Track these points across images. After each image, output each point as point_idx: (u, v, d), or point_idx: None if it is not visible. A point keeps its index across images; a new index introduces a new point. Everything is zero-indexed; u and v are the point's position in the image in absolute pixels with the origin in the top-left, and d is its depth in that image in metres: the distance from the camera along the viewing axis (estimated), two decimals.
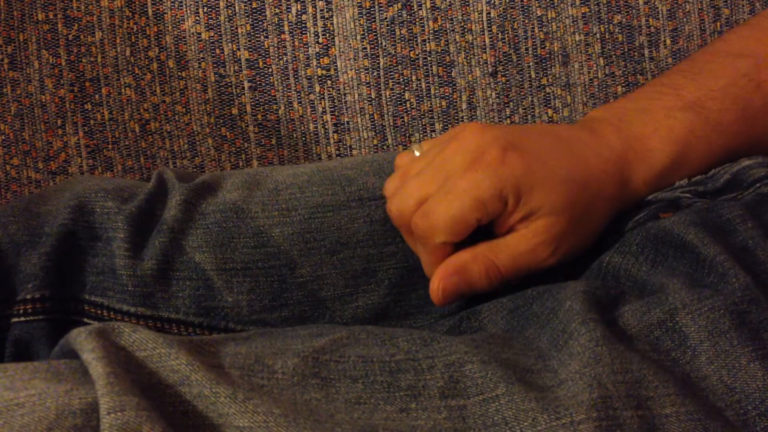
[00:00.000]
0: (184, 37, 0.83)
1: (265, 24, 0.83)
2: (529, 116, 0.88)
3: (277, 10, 0.83)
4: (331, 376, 0.41)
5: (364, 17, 0.83)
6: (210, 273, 0.52)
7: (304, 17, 0.83)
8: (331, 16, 0.83)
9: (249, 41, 0.83)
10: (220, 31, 0.83)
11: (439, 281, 0.48)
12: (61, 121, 0.82)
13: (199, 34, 0.83)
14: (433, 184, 0.48)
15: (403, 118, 0.84)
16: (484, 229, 0.50)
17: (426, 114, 0.85)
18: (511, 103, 0.85)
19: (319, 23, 0.83)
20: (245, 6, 0.83)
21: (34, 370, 0.39)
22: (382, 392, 0.40)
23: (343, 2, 0.83)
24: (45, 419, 0.36)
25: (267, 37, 0.83)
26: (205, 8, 0.83)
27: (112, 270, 0.52)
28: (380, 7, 0.83)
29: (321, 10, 0.83)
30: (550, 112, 0.88)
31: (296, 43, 0.83)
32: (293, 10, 0.83)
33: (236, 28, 0.83)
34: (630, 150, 0.51)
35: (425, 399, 0.40)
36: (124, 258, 0.52)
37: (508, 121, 0.88)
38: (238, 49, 0.83)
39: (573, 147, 0.50)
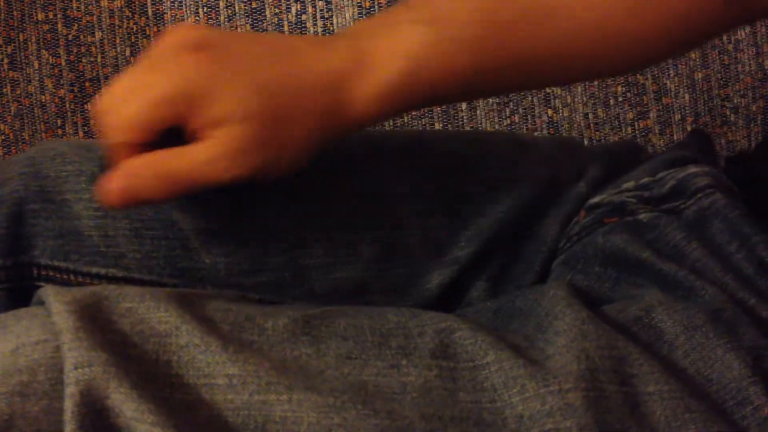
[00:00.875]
0: None
1: (265, 24, 0.83)
2: (529, 116, 0.88)
3: (277, 10, 0.83)
4: (322, 334, 0.41)
5: (364, 17, 0.83)
6: (187, 232, 0.51)
7: (304, 17, 0.83)
8: (331, 16, 0.83)
9: None
10: None
11: (108, 182, 0.44)
12: (61, 121, 0.83)
13: None
14: (126, 84, 0.44)
15: (403, 118, 0.84)
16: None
17: (426, 114, 0.85)
18: (511, 103, 0.85)
19: (319, 23, 0.83)
20: (245, 6, 0.83)
21: None
22: (373, 349, 0.40)
23: (343, 2, 0.83)
24: None
25: None
26: (205, 8, 0.83)
27: (76, 232, 0.51)
28: (380, 7, 0.83)
29: (321, 10, 0.83)
30: (550, 112, 0.87)
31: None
32: (293, 10, 0.83)
33: (236, 28, 0.83)
34: (355, 64, 0.46)
35: (416, 357, 0.40)
36: (94, 218, 0.51)
37: (508, 121, 0.87)
38: None
39: (285, 57, 0.46)
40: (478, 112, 0.85)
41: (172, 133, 0.44)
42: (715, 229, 0.48)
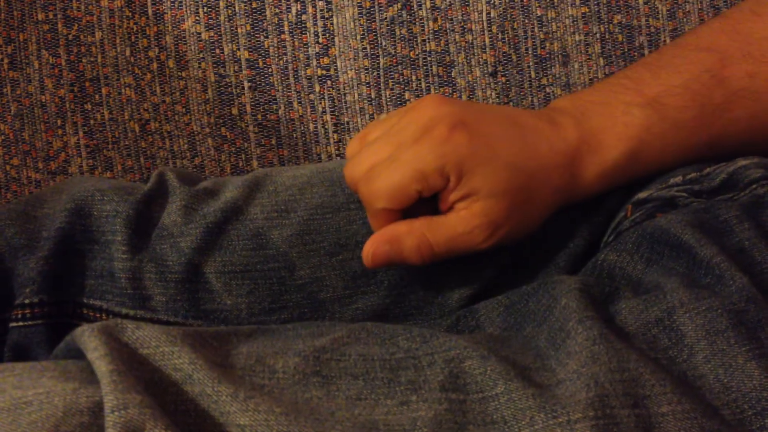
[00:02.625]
0: (184, 37, 0.83)
1: (265, 24, 0.83)
2: None
3: (277, 10, 0.83)
4: (332, 374, 0.41)
5: (364, 17, 0.83)
6: (209, 276, 0.52)
7: (304, 17, 0.83)
8: (331, 16, 0.83)
9: (249, 41, 0.83)
10: (220, 31, 0.83)
11: (371, 246, 0.49)
12: (61, 121, 0.83)
13: (199, 34, 0.83)
14: (384, 152, 0.48)
15: None
16: (433, 205, 0.50)
17: None
18: (511, 103, 0.85)
19: (319, 23, 0.83)
20: (245, 6, 0.83)
21: (42, 369, 0.39)
22: (383, 388, 0.41)
23: (343, 2, 0.83)
24: (53, 417, 0.36)
25: (267, 37, 0.83)
26: (205, 8, 0.83)
27: (111, 273, 0.52)
28: (380, 7, 0.83)
29: (321, 10, 0.83)
30: None
31: (296, 43, 0.83)
32: (293, 10, 0.83)
33: (236, 28, 0.83)
34: (584, 144, 0.50)
35: (426, 392, 0.40)
36: (123, 261, 0.52)
37: None
38: (238, 49, 0.83)
39: (527, 134, 0.50)
40: None
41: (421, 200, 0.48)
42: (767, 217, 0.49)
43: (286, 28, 0.83)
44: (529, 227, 0.51)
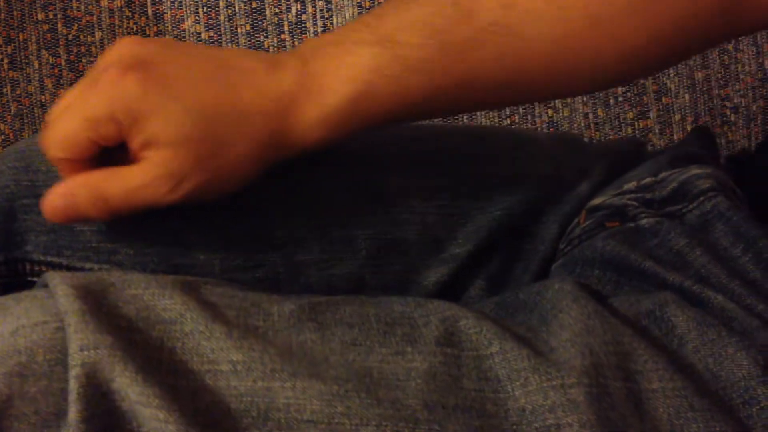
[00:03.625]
0: (184, 37, 0.83)
1: (265, 24, 0.83)
2: (529, 116, 0.87)
3: (277, 10, 0.83)
4: (327, 321, 0.41)
5: None
6: (182, 227, 0.51)
7: (304, 17, 0.83)
8: (331, 16, 0.83)
9: (249, 41, 0.83)
10: (220, 31, 0.83)
11: (47, 199, 0.44)
12: None
13: (199, 33, 0.83)
14: (67, 100, 0.44)
15: None
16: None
17: None
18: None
19: (319, 23, 0.83)
20: (245, 6, 0.83)
21: None
22: (378, 337, 0.40)
23: (343, 2, 0.83)
24: None
25: (267, 37, 0.83)
26: (205, 8, 0.83)
27: (69, 227, 0.50)
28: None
29: (321, 10, 0.83)
30: (550, 112, 0.87)
31: (296, 43, 0.83)
32: (293, 10, 0.83)
33: (236, 28, 0.83)
34: (303, 88, 0.45)
35: (421, 345, 0.40)
36: None
37: (508, 121, 0.87)
38: None
39: (230, 78, 0.45)
40: (478, 111, 0.85)
41: (123, 150, 0.44)
42: (719, 232, 0.47)
43: (286, 28, 0.83)
44: (230, 181, 0.46)
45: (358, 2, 0.83)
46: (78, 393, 0.35)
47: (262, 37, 0.83)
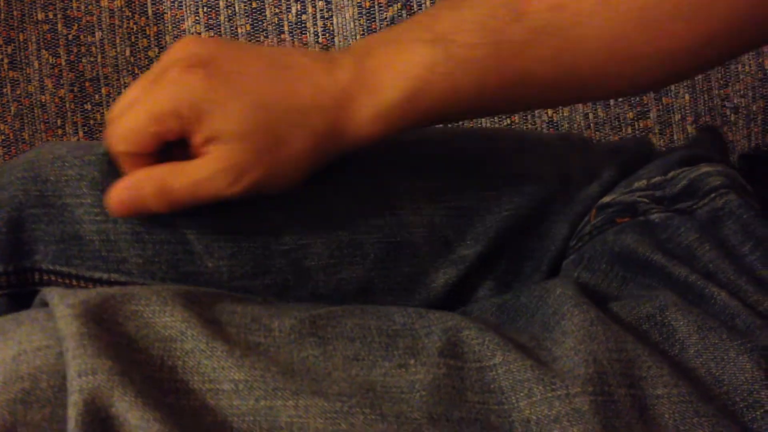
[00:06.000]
0: None
1: (265, 24, 0.83)
2: (529, 116, 0.87)
3: (277, 10, 0.83)
4: (329, 335, 0.41)
5: (364, 17, 0.83)
6: (189, 237, 0.51)
7: (304, 17, 0.83)
8: (331, 16, 0.83)
9: (249, 41, 0.83)
10: (220, 31, 0.83)
11: (112, 192, 0.46)
12: (61, 121, 0.82)
13: (199, 34, 0.83)
14: (131, 96, 0.46)
15: None
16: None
17: None
18: None
19: (319, 23, 0.83)
20: (245, 6, 0.83)
21: None
22: (381, 350, 0.40)
23: (343, 2, 0.83)
24: None
25: (267, 37, 0.83)
26: (205, 8, 0.83)
27: (77, 237, 0.50)
28: (380, 7, 0.82)
29: (321, 10, 0.83)
30: (550, 112, 0.87)
31: (296, 43, 0.83)
32: (293, 10, 0.83)
33: (236, 28, 0.83)
34: (359, 83, 0.46)
35: (424, 357, 0.40)
36: (95, 223, 0.51)
37: (508, 121, 0.87)
38: None
39: (288, 73, 0.46)
40: None
41: (182, 146, 0.45)
42: (729, 230, 0.47)
43: (286, 28, 0.83)
44: (289, 174, 0.47)
45: (358, 2, 0.83)
46: (77, 420, 0.35)
47: (262, 37, 0.83)
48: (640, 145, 0.59)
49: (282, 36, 0.83)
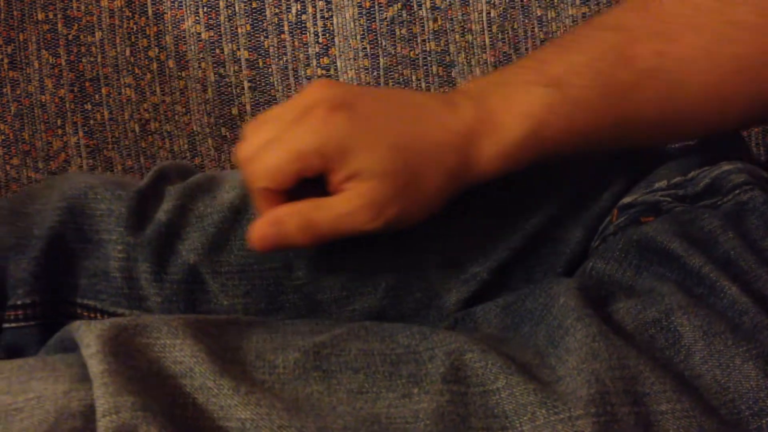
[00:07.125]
0: (184, 37, 0.83)
1: (265, 24, 0.83)
2: None
3: (277, 10, 0.83)
4: (333, 368, 0.41)
5: (364, 17, 0.83)
6: (205, 276, 0.52)
7: (304, 17, 0.83)
8: (331, 16, 0.83)
9: (249, 41, 0.83)
10: (220, 31, 0.83)
11: (256, 229, 0.48)
12: (61, 121, 0.83)
13: (199, 34, 0.83)
14: (269, 133, 0.48)
15: None
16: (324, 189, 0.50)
17: None
18: None
19: (319, 23, 0.83)
20: (245, 6, 0.83)
21: (30, 370, 0.39)
22: (384, 381, 0.41)
23: (343, 2, 0.83)
24: (44, 423, 0.36)
25: (267, 37, 0.83)
26: (205, 8, 0.83)
27: (105, 272, 0.52)
28: (380, 7, 0.82)
29: (321, 10, 0.83)
30: None
31: (296, 43, 0.83)
32: (293, 10, 0.83)
33: (236, 28, 0.83)
34: (481, 124, 0.49)
35: (427, 384, 0.40)
36: (118, 260, 0.52)
37: None
38: (238, 49, 0.83)
39: (417, 115, 0.49)
40: None
41: (309, 182, 0.48)
42: (751, 224, 0.48)
43: (286, 28, 0.83)
44: (422, 210, 0.49)
45: (358, 2, 0.83)
46: None
47: (262, 37, 0.83)
48: (652, 152, 0.59)
49: (282, 36, 0.83)
